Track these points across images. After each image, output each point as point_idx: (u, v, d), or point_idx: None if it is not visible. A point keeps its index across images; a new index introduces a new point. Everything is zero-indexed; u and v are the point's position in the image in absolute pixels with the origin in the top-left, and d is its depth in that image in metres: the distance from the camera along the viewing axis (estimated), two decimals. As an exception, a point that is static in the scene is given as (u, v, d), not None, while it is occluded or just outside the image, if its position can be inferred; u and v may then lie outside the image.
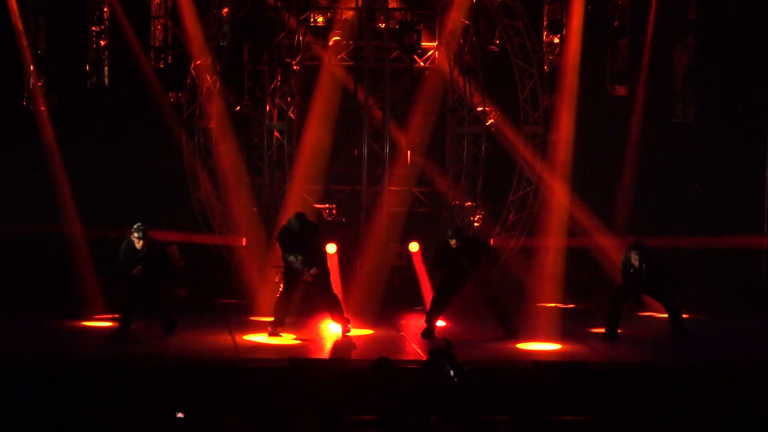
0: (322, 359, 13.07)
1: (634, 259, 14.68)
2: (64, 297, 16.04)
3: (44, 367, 11.80)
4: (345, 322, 14.40)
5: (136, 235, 14.25)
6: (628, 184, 18.20)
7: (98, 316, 15.20)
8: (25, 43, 17.17)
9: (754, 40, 17.89)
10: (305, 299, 15.41)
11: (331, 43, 17.19)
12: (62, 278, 16.51)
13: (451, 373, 10.34)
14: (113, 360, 12.60)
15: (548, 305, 16.55)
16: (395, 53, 17.48)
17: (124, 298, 14.40)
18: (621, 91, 18.87)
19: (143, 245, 14.23)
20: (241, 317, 15.55)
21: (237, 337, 14.14)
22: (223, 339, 14.05)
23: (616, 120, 18.51)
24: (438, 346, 10.83)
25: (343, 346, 13.88)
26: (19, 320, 14.89)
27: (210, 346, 13.63)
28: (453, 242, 14.52)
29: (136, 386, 11.47)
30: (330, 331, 14.68)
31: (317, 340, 14.35)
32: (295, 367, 11.70)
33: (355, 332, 14.50)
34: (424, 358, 12.88)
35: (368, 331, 14.83)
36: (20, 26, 17.04)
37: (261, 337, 14.17)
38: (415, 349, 13.64)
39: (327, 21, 17.85)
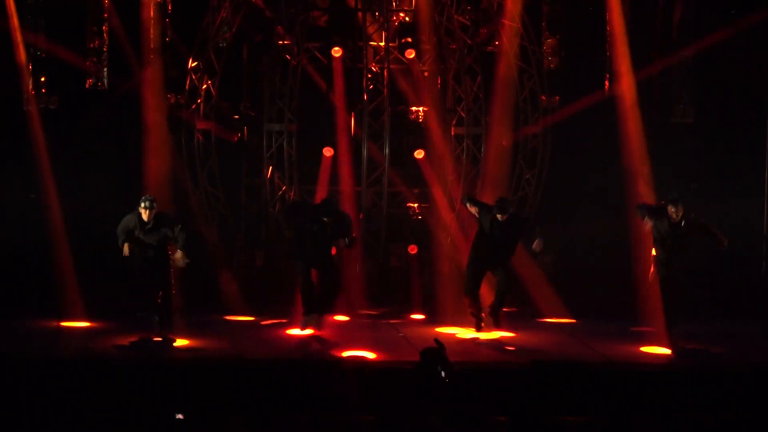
0: (320, 358, 13.07)
1: (673, 212, 13.68)
2: (64, 297, 16.03)
3: (42, 366, 11.79)
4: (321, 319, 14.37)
5: (143, 205, 13.43)
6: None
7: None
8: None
9: (755, 39, 17.87)
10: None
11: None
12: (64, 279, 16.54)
13: (442, 373, 10.37)
14: (112, 360, 12.59)
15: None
16: (394, 54, 17.55)
17: (133, 294, 13.97)
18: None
19: (150, 217, 13.42)
20: (243, 316, 15.57)
21: (237, 336, 14.14)
22: (222, 338, 14.03)
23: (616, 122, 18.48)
24: (429, 347, 10.89)
25: (337, 345, 13.87)
26: (17, 320, 14.87)
27: (210, 345, 13.62)
28: (501, 217, 14.10)
29: (135, 386, 11.46)
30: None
31: (318, 339, 14.34)
32: (296, 366, 11.72)
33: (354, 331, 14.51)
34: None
35: (367, 331, 14.85)
36: (19, 26, 17.06)
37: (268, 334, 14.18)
38: (414, 350, 13.60)
39: (326, 22, 17.88)
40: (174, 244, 13.64)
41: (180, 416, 10.40)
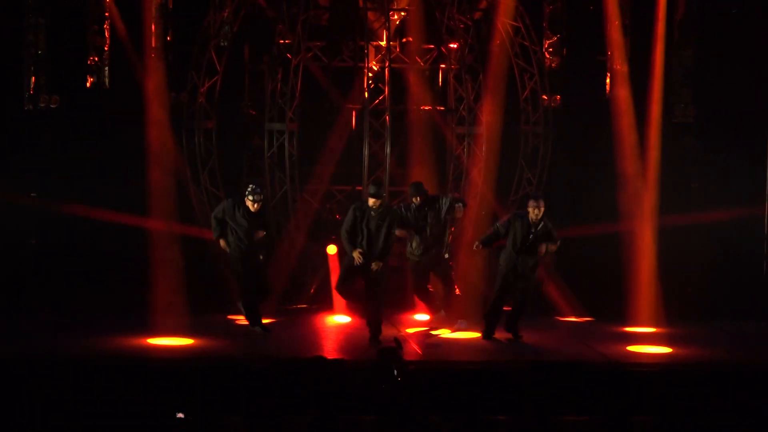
0: (322, 359, 13.05)
1: (534, 211, 13.79)
2: (62, 297, 16.04)
3: (42, 366, 11.80)
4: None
5: (251, 197, 13.78)
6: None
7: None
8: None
9: (755, 39, 17.88)
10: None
11: None
12: (65, 278, 16.58)
13: (395, 372, 10.46)
14: (113, 359, 12.60)
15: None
16: (396, 53, 17.58)
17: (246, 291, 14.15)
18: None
19: (258, 208, 13.79)
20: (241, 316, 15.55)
21: (238, 337, 14.13)
22: (223, 338, 14.04)
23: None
24: (387, 346, 10.99)
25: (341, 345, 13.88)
26: (17, 320, 14.88)
27: (210, 345, 13.62)
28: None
29: (137, 385, 11.47)
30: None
31: (319, 339, 14.34)
32: (295, 366, 11.71)
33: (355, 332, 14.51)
34: (422, 357, 12.93)
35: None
36: (20, 26, 17.10)
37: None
38: (415, 349, 13.60)
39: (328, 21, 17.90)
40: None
41: (180, 415, 10.40)
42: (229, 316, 15.42)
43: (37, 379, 11.31)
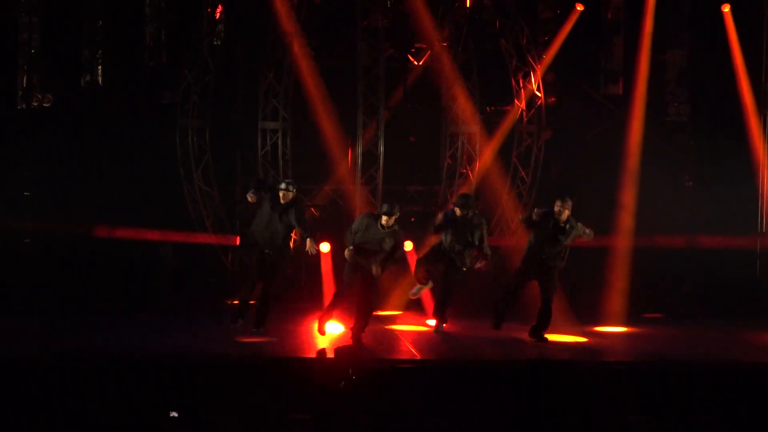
0: (322, 359, 13.03)
1: (562, 209, 13.39)
2: (56, 295, 16.01)
3: (39, 366, 11.76)
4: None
5: (283, 186, 12.96)
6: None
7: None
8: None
9: (750, 38, 17.94)
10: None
11: None
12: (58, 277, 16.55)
13: (350, 371, 10.52)
14: (107, 357, 12.56)
15: None
16: (389, 52, 17.58)
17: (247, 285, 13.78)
18: (614, 90, 18.90)
19: (289, 199, 12.95)
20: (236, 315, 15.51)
21: (235, 336, 14.10)
22: (220, 338, 14.01)
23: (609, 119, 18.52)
24: (347, 345, 11.02)
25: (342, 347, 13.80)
26: (14, 319, 14.83)
27: (208, 344, 13.59)
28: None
29: (130, 384, 11.45)
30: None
31: (316, 339, 14.31)
32: (296, 366, 11.72)
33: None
34: (419, 356, 12.92)
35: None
36: (14, 25, 17.09)
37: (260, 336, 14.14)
38: (409, 349, 13.58)
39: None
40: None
41: (174, 414, 10.40)
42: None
43: (34, 379, 11.27)
